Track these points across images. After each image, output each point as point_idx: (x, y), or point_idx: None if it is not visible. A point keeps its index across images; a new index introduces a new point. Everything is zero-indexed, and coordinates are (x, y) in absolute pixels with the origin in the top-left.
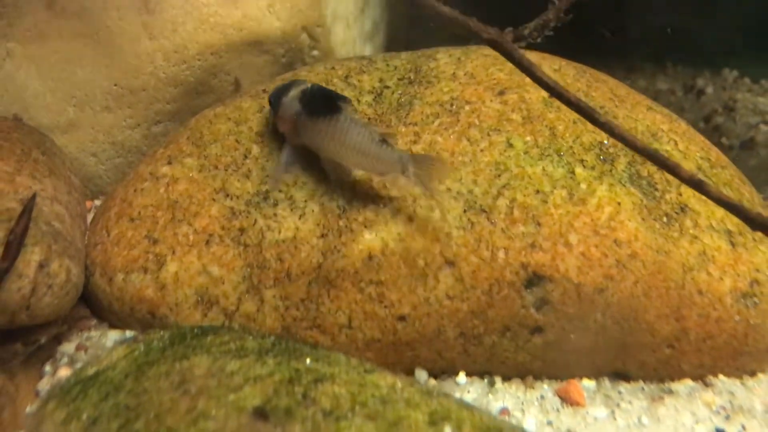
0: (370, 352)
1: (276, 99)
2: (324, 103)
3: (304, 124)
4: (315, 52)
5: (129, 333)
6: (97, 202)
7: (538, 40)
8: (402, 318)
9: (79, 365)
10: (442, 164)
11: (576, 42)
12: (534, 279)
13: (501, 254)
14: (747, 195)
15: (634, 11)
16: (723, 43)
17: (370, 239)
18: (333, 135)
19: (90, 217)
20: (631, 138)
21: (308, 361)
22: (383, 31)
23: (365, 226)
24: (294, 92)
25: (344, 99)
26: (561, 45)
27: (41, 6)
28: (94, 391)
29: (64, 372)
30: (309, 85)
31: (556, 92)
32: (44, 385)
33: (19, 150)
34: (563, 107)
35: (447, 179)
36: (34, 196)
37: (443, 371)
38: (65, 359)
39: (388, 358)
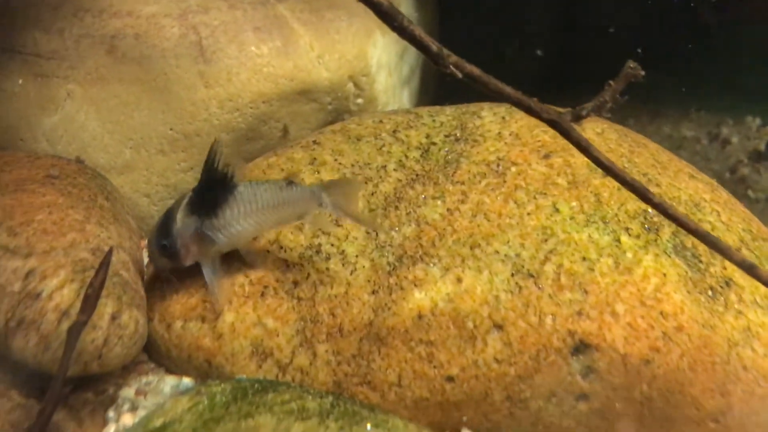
0: (418, 411)
1: (167, 237)
2: (216, 191)
3: (211, 228)
4: (359, 100)
5: (186, 379)
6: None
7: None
8: (450, 379)
9: (140, 411)
10: (353, 183)
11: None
12: (581, 347)
13: (548, 320)
14: None
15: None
16: (744, 88)
17: (420, 298)
18: (244, 212)
19: (141, 253)
20: (685, 219)
21: (369, 426)
22: (417, 75)
23: (415, 285)
24: (180, 213)
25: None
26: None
27: (102, 51)
28: None
29: (127, 419)
30: (187, 194)
31: (612, 173)
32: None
33: (87, 196)
34: None
35: (358, 200)
36: (110, 251)
37: None
38: (127, 405)
39: (435, 418)
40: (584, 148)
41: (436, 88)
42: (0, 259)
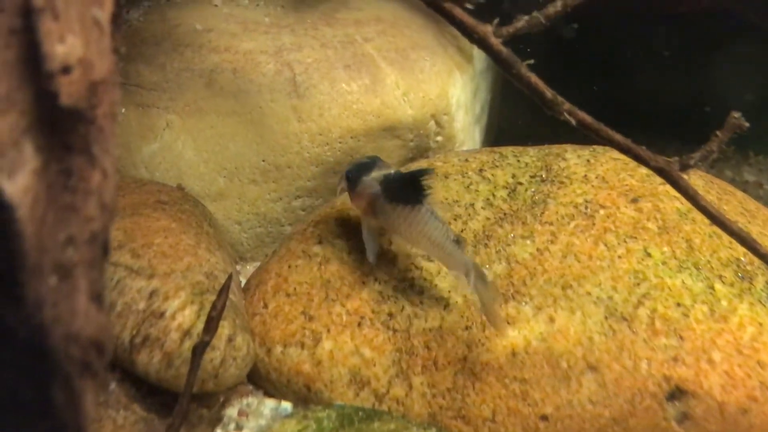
0: None
1: (355, 175)
2: (406, 191)
3: (382, 207)
4: (439, 138)
5: (284, 403)
6: (237, 267)
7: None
8: (545, 417)
9: None
10: (497, 291)
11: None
12: (676, 393)
13: (644, 364)
14: None
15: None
16: None
17: (513, 336)
18: (411, 223)
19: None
20: None
21: None
22: (486, 113)
23: (507, 323)
24: (375, 173)
25: (424, 188)
26: None
27: (201, 84)
28: None
29: None
30: (392, 171)
31: (720, 222)
32: None
33: (194, 222)
34: (698, 220)
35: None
36: (230, 276)
37: None
38: (233, 424)
39: None
40: (692, 197)
41: (499, 123)
42: (125, 279)
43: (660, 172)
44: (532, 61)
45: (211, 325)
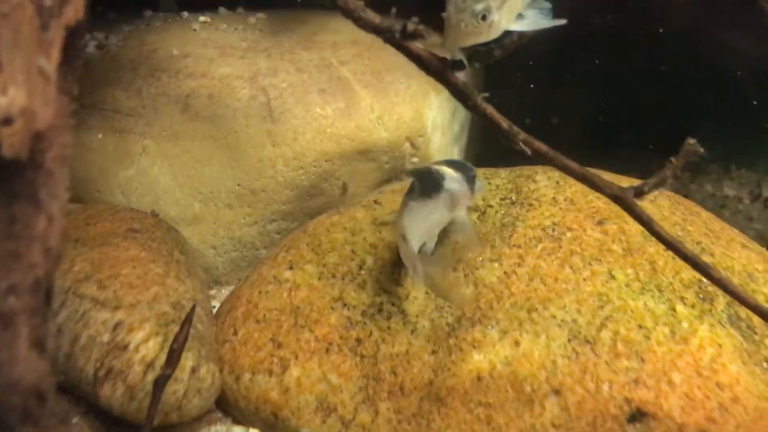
0: None
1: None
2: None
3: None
4: (415, 159)
5: (252, 430)
6: (212, 291)
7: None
8: None
9: None
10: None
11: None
12: (637, 415)
13: (605, 387)
14: None
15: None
16: None
17: (478, 360)
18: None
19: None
20: (744, 295)
21: None
22: (466, 132)
23: (474, 347)
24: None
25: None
26: None
27: (177, 109)
28: None
29: None
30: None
31: (673, 247)
32: None
33: (165, 250)
34: None
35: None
36: (194, 307)
37: None
38: None
39: None
40: (646, 223)
41: (480, 144)
42: (90, 311)
43: (615, 199)
44: (486, 94)
45: (173, 358)
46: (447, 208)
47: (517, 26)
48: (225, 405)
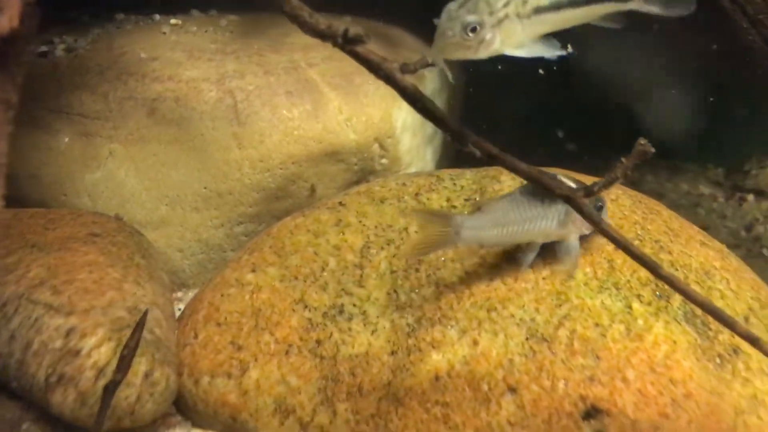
0: None
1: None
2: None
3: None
4: (384, 160)
5: None
6: (179, 294)
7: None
8: None
9: None
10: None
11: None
12: (592, 411)
13: (561, 384)
14: None
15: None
16: (763, 146)
17: (437, 360)
18: None
19: (173, 308)
20: (693, 293)
21: None
22: (440, 133)
23: (433, 347)
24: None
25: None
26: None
27: (144, 113)
28: None
29: None
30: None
31: (622, 246)
32: None
33: (125, 255)
34: None
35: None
36: (146, 313)
37: None
38: None
39: None
40: (595, 223)
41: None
42: (43, 317)
43: (566, 199)
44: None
45: (123, 364)
46: (559, 224)
47: (516, 51)
48: (184, 408)
